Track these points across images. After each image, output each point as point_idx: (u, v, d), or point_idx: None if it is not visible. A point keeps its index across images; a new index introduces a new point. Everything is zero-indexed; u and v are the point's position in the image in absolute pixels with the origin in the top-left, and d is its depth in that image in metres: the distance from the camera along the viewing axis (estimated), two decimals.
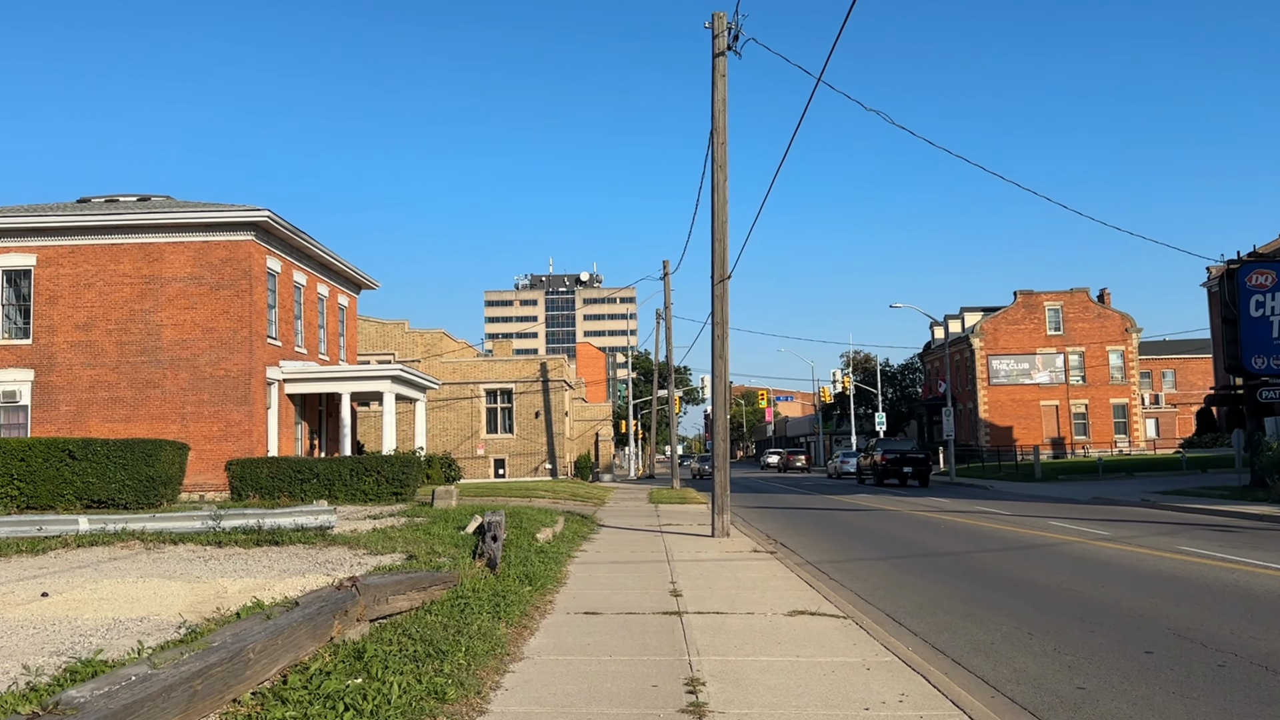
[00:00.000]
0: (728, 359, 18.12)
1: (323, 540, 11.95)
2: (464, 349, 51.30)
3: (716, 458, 17.95)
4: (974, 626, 9.44)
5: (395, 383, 32.86)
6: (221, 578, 9.51)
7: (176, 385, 29.28)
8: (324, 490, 21.82)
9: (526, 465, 48.76)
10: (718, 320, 18.03)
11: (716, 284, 18.00)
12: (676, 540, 17.15)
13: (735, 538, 17.68)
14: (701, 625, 8.78)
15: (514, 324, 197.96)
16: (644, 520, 22.13)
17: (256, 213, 29.14)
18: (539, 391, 49.12)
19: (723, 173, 17.93)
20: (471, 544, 12.91)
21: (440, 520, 15.57)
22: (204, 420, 29.24)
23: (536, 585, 10.41)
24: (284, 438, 31.53)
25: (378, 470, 21.90)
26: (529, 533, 14.91)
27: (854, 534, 19.53)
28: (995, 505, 27.30)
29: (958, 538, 18.08)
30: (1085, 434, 71.72)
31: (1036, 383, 72.19)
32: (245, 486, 22.17)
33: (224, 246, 29.61)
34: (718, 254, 17.97)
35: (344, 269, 36.90)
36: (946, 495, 33.73)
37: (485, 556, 11.42)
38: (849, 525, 21.69)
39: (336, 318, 37.42)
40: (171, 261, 29.66)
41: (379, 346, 48.09)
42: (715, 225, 17.96)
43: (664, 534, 18.50)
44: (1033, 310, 72.89)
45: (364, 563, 10.61)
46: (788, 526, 21.69)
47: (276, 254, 31.23)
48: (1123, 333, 73.11)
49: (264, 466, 22.17)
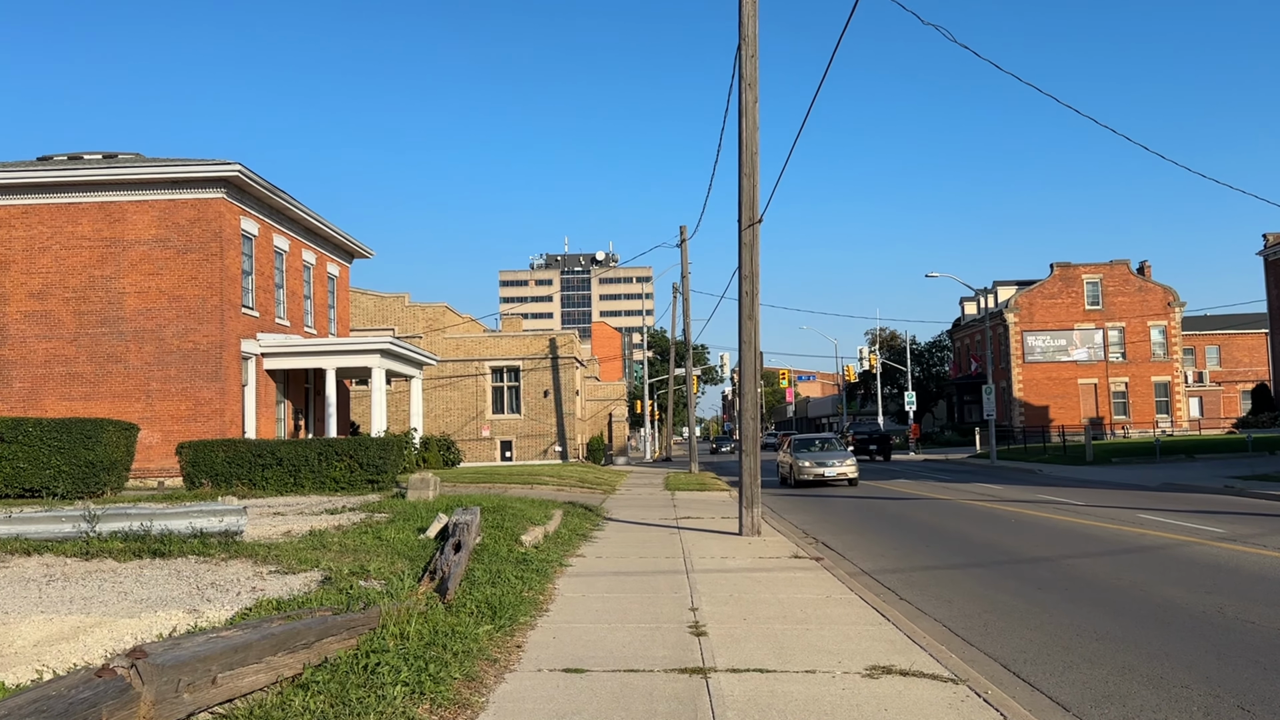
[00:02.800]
0: (758, 320, 14.95)
1: (225, 550, 8.96)
2: (468, 324, 48.29)
3: (744, 440, 14.82)
4: (1151, 693, 6.30)
5: (385, 357, 29.88)
6: (37, 614, 6.54)
7: (141, 360, 26.43)
8: (288, 478, 18.88)
9: (535, 448, 45.81)
10: (746, 273, 14.85)
11: (745, 229, 14.82)
12: (697, 540, 14.07)
13: (767, 537, 14.58)
14: (741, 698, 5.70)
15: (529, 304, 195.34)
16: (658, 512, 19.08)
17: (226, 167, 26.14)
18: (548, 369, 46.11)
19: (752, 92, 14.70)
20: (429, 553, 9.87)
21: (404, 518, 12.56)
22: (171, 398, 26.40)
23: (502, 620, 7.35)
24: (263, 418, 28.65)
25: (351, 455, 18.90)
26: (512, 534, 11.86)
27: (908, 530, 16.38)
28: (1055, 492, 24.07)
29: (1037, 536, 14.90)
30: (1125, 414, 68.09)
31: (1074, 360, 68.53)
32: (198, 473, 19.25)
33: (192, 205, 26.65)
34: (746, 193, 14.77)
35: (333, 234, 33.88)
36: (994, 480, 30.48)
37: (438, 575, 8.38)
38: (897, 518, 18.55)
39: (325, 288, 34.45)
40: (135, 222, 26.74)
41: (377, 321, 45.15)
42: (743, 157, 14.75)
43: (681, 531, 15.42)
44: (1070, 284, 69.13)
45: (260, 588, 7.60)
46: (824, 520, 18.57)
47: (252, 215, 28.24)
48: (1165, 307, 69.26)
49: (219, 450, 19.24)
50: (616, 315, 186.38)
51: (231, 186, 26.80)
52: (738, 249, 14.92)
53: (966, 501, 21.83)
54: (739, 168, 14.83)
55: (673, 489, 27.08)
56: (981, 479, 31.43)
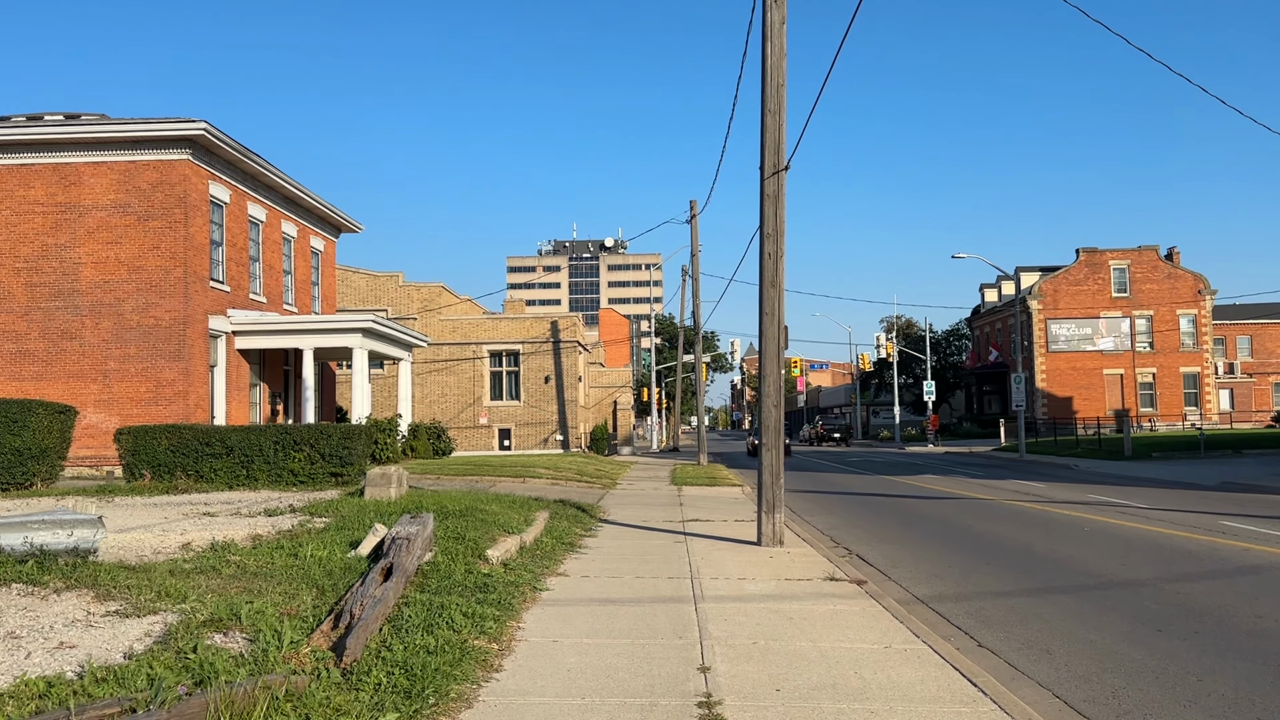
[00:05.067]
0: (782, 287, 12.47)
1: (66, 576, 6.57)
2: (466, 305, 45.88)
3: (765, 431, 12.35)
4: None
5: (368, 337, 27.48)
6: None
7: (98, 337, 24.09)
8: (240, 470, 16.50)
9: (535, 436, 43.43)
10: (769, 231, 12.35)
11: (768, 178, 12.31)
12: (707, 552, 11.63)
13: (792, 548, 12.13)
14: None
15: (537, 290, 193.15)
16: (662, 512, 16.65)
17: (189, 125, 23.72)
18: (550, 353, 43.68)
19: (778, 10, 12.17)
20: (351, 580, 7.45)
21: (344, 525, 10.15)
22: (130, 379, 24.07)
23: (420, 701, 4.92)
24: (235, 402, 26.31)
25: (311, 444, 16.49)
26: (476, 547, 9.44)
27: (957, 539, 13.90)
28: (1106, 491, 21.57)
29: (1115, 549, 12.41)
30: (1152, 406, 65.32)
31: (1099, 349, 65.74)
32: (139, 462, 16.88)
33: (153, 167, 24.24)
34: (770, 133, 12.26)
35: (317, 205, 31.46)
36: (1030, 477, 27.96)
37: (344, 619, 5.95)
38: (938, 523, 16.07)
39: (308, 263, 32.04)
40: (92, 186, 24.36)
41: (370, 301, 42.77)
42: (767, 90, 12.23)
43: (689, 538, 12.98)
44: (1096, 270, 66.28)
45: (72, 642, 5.22)
46: (854, 523, 16.12)
47: (223, 180, 25.82)
48: (1195, 294, 66.38)
49: (162, 436, 16.84)
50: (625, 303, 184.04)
51: (198, 147, 24.38)
52: (759, 202, 12.42)
53: (1011, 502, 19.32)
54: (761, 103, 12.32)
55: (679, 483, 24.65)
56: (1016, 475, 28.89)
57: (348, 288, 42.57)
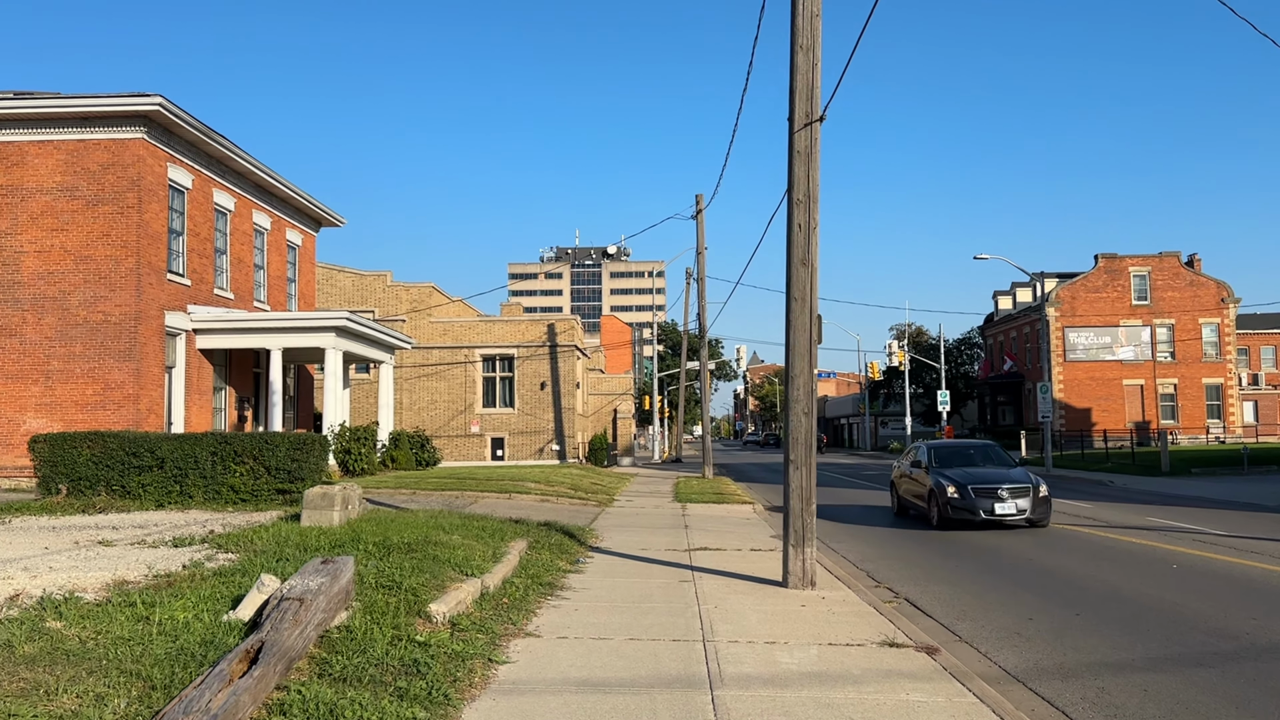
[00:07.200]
0: (815, 267, 10.08)
1: None
2: (458, 307, 43.51)
3: (794, 445, 9.93)
4: None
5: (342, 336, 25.11)
6: None
7: (40, 333, 21.75)
8: (172, 485, 14.12)
9: (530, 446, 41.00)
10: (799, 197, 9.97)
11: (798, 130, 9.93)
12: (721, 594, 9.23)
13: (826, 590, 9.74)
14: None
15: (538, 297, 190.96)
16: (665, 536, 14.24)
17: (144, 99, 21.42)
18: (546, 358, 41.29)
19: None
20: (216, 655, 5.03)
21: (248, 567, 7.74)
22: (76, 380, 21.71)
23: None
24: (195, 407, 23.93)
25: (255, 456, 14.10)
26: (414, 599, 7.04)
27: (1025, 578, 11.46)
28: (1163, 513, 19.15)
29: (1231, 595, 9.98)
30: (1174, 418, 62.79)
31: (1119, 359, 63.26)
32: (57, 475, 14.50)
33: (104, 147, 21.93)
34: (802, 75, 9.88)
35: (293, 195, 29.14)
36: (1070, 495, 25.47)
37: None
38: (992, 553, 13.63)
39: (283, 257, 29.69)
40: (36, 167, 22.05)
41: (357, 302, 40.43)
42: (798, 22, 9.87)
43: (697, 575, 10.57)
44: (1116, 276, 63.84)
45: None
46: (890, 553, 13.70)
47: (184, 163, 23.50)
48: (1218, 303, 63.91)
49: (83, 445, 14.46)
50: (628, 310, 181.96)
51: (154, 125, 22.08)
52: (788, 160, 10.04)
53: (1064, 526, 16.87)
54: (791, 38, 9.94)
55: (684, 499, 22.25)
56: (1054, 493, 26.41)
57: (333, 287, 40.26)
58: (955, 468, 17.17)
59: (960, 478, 16.41)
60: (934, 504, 16.41)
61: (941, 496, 16.12)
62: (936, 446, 18.73)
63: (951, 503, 15.94)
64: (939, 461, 17.69)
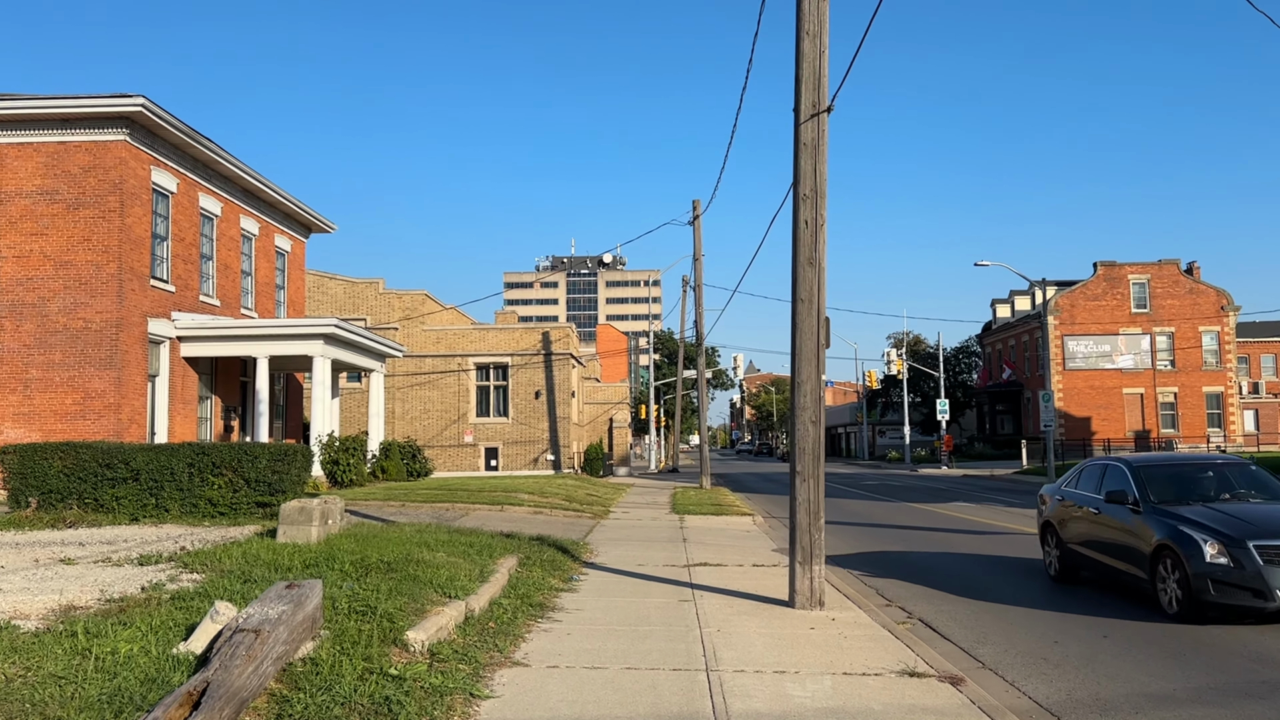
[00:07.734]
0: (823, 267, 9.51)
1: None
2: (451, 315, 42.89)
3: (801, 455, 9.34)
4: None
5: (330, 344, 24.48)
6: None
7: (18, 341, 21.11)
8: (148, 498, 13.48)
9: (524, 455, 40.35)
10: (806, 192, 9.40)
11: (804, 121, 9.37)
12: (724, 615, 8.61)
13: (836, 610, 9.13)
14: None
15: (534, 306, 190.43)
16: (663, 551, 13.62)
17: (127, 100, 20.84)
18: (541, 366, 40.67)
19: None
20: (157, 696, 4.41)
21: (211, 589, 7.12)
22: (55, 390, 21.07)
23: None
24: (179, 417, 23.27)
25: (233, 467, 13.45)
26: (390, 625, 6.42)
27: (1058, 601, 10.85)
28: None
29: None
30: (1174, 426, 62.29)
31: (1119, 367, 62.75)
32: (28, 487, 13.84)
33: (85, 149, 21.34)
34: (808, 62, 9.32)
35: (282, 201, 28.55)
36: None
37: None
38: (1006, 571, 13.03)
39: (272, 264, 29.07)
40: (15, 170, 21.44)
41: (348, 310, 39.78)
42: (804, 5, 9.31)
43: (697, 593, 9.95)
44: (1115, 284, 63.40)
45: None
46: (913, 573, 13.08)
47: (168, 166, 22.91)
48: (1218, 311, 63.50)
49: (55, 457, 13.81)
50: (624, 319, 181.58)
51: (136, 126, 21.48)
52: (793, 153, 9.47)
53: None
54: (797, 23, 9.39)
55: (681, 511, 21.62)
56: None
57: (324, 295, 39.62)
58: (1196, 504, 9.94)
59: (1224, 525, 9.12)
60: (1170, 573, 9.30)
61: (1190, 563, 8.93)
62: (1149, 466, 10.95)
63: (1214, 574, 8.76)
64: (1165, 493, 10.27)
